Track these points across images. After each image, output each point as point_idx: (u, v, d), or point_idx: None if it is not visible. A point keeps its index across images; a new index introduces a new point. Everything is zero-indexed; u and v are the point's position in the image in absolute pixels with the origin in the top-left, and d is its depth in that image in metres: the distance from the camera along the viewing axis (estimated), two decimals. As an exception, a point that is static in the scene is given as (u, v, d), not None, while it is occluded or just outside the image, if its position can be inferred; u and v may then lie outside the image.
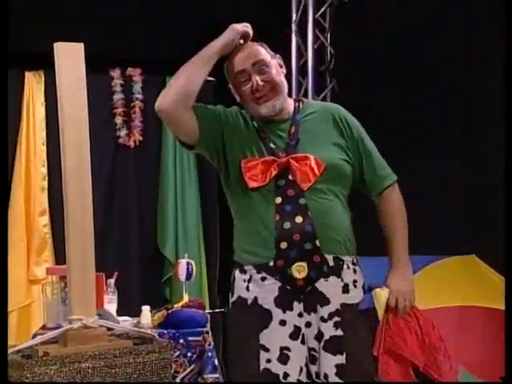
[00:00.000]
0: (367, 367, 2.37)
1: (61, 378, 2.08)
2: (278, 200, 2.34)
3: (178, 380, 3.39)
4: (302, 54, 4.85)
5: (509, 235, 2.43)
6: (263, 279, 2.35)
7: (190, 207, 4.87)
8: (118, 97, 4.80)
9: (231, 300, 2.44)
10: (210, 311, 4.11)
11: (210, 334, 3.56)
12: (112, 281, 3.73)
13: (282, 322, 2.32)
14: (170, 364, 2.26)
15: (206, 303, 4.55)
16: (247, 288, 2.38)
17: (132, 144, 4.82)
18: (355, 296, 2.38)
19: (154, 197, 4.88)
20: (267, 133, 2.42)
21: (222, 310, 4.08)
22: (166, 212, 4.85)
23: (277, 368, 2.31)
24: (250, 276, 2.38)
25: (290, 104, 2.47)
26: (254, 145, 2.40)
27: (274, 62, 2.44)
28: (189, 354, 3.45)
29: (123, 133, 4.80)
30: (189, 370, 3.45)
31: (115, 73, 4.80)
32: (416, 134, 4.30)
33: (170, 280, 4.76)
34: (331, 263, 2.34)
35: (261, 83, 2.37)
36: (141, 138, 4.84)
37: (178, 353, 3.39)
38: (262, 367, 2.32)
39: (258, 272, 2.36)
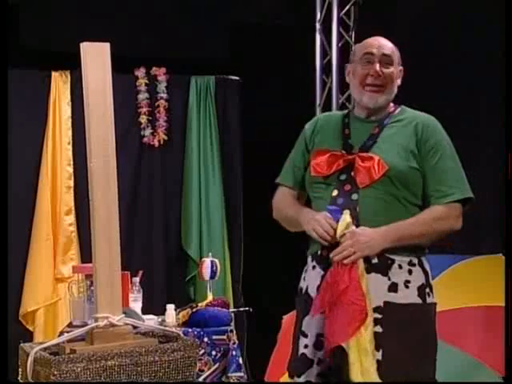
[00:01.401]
0: (403, 368, 2.31)
1: (87, 375, 2.10)
2: (335, 192, 2.42)
3: (201, 379, 3.40)
4: (326, 52, 4.84)
5: (509, 235, 2.42)
6: (313, 268, 2.45)
7: (214, 206, 4.88)
8: (142, 96, 4.82)
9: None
10: (234, 310, 4.12)
11: (235, 332, 3.57)
12: (137, 279, 3.75)
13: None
14: (195, 362, 2.26)
15: (230, 302, 4.55)
16: (304, 278, 2.51)
17: (156, 143, 4.84)
18: (405, 296, 2.36)
19: (178, 196, 4.90)
20: (352, 130, 2.52)
21: (246, 308, 4.08)
22: (191, 211, 4.86)
23: (312, 354, 2.39)
24: (307, 266, 2.50)
25: (389, 108, 2.55)
26: (335, 140, 2.50)
27: (397, 67, 2.55)
28: (213, 353, 3.46)
29: (148, 132, 4.82)
30: (213, 368, 3.46)
31: (140, 72, 4.82)
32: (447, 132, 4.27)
33: (194, 279, 4.77)
34: (374, 260, 2.35)
35: (380, 73, 2.47)
36: (165, 138, 4.86)
37: (202, 351, 3.40)
38: (300, 352, 2.41)
39: (311, 261, 2.47)
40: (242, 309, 4.22)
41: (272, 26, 4.87)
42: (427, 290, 2.43)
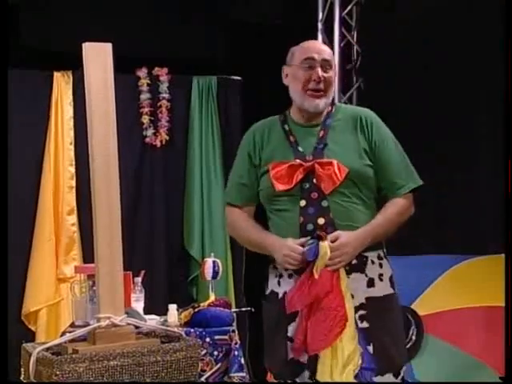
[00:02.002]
0: (395, 356, 2.43)
1: (89, 375, 2.10)
2: (303, 203, 2.46)
3: (203, 379, 3.40)
4: (328, 52, 4.84)
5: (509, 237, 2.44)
6: (290, 276, 2.49)
7: (216, 206, 4.88)
8: (144, 96, 4.82)
9: (266, 292, 2.60)
10: (236, 310, 4.12)
11: (237, 332, 3.57)
12: (139, 279, 3.75)
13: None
14: (197, 363, 2.26)
15: (232, 302, 4.56)
16: (278, 283, 2.53)
17: (158, 143, 4.84)
18: (381, 289, 2.46)
19: (181, 196, 4.90)
20: (297, 136, 2.55)
21: (248, 308, 4.08)
22: (193, 211, 4.86)
23: (303, 358, 2.43)
24: (281, 273, 2.52)
25: (326, 109, 2.57)
26: (283, 149, 2.53)
27: (334, 70, 2.59)
28: (215, 353, 3.46)
29: (150, 132, 4.83)
30: (215, 368, 3.46)
31: (142, 72, 4.82)
32: (443, 133, 4.27)
33: (197, 279, 4.78)
34: (353, 261, 2.45)
35: (322, 77, 2.51)
36: (167, 138, 4.86)
37: (204, 351, 3.40)
38: (289, 357, 2.46)
39: (286, 269, 2.49)
40: (244, 309, 4.21)
41: (274, 26, 4.88)
42: (393, 279, 2.53)
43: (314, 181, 2.45)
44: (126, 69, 4.42)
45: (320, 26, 4.85)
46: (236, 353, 3.48)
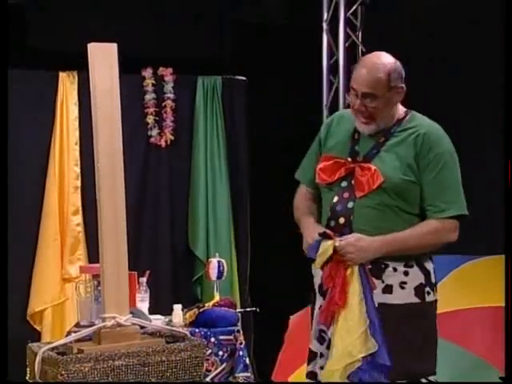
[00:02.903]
0: (405, 365, 2.40)
1: (94, 375, 2.10)
2: (335, 199, 2.52)
3: (208, 379, 3.40)
4: (333, 52, 4.84)
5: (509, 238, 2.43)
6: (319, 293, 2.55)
7: (221, 206, 4.88)
8: (149, 96, 4.82)
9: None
10: (241, 310, 4.12)
11: (241, 332, 3.57)
12: (144, 279, 3.75)
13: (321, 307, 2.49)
14: (202, 362, 2.26)
15: (237, 302, 4.56)
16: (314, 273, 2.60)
17: (163, 143, 4.84)
18: (400, 297, 2.44)
19: (185, 196, 4.90)
20: (362, 136, 2.56)
21: (253, 308, 4.08)
22: (197, 211, 4.87)
23: (315, 347, 2.53)
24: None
25: (396, 115, 2.55)
26: (344, 144, 2.57)
27: (388, 94, 2.49)
28: (220, 353, 3.46)
29: (155, 132, 4.83)
30: (220, 368, 3.46)
31: (147, 72, 4.82)
32: (450, 132, 4.25)
33: (201, 279, 4.78)
34: (369, 266, 2.45)
35: (362, 108, 2.49)
36: (172, 138, 4.86)
37: (209, 351, 3.40)
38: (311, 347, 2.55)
39: None
40: (248, 309, 4.22)
41: (279, 26, 4.87)
42: (427, 288, 2.49)
43: (352, 182, 2.50)
44: (131, 69, 4.42)
45: (325, 26, 4.85)
46: (241, 353, 3.48)
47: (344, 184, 2.51)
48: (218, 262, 3.84)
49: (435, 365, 2.53)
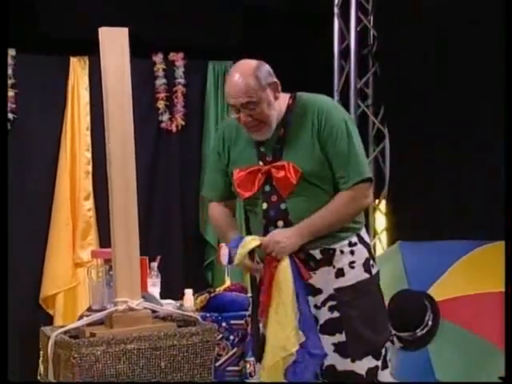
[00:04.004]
0: (372, 338, 2.47)
1: (106, 358, 2.12)
2: (265, 206, 2.50)
3: (219, 363, 3.42)
4: (344, 36, 4.81)
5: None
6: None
7: (231, 191, 4.88)
8: (160, 82, 4.82)
9: None
10: (252, 295, 4.12)
11: (252, 317, 3.58)
12: (155, 264, 3.76)
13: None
14: (214, 347, 2.28)
15: (248, 287, 4.56)
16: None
17: (174, 128, 4.84)
18: (352, 277, 2.49)
19: (196, 181, 4.90)
20: None
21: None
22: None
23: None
24: None
25: (284, 104, 2.52)
26: (248, 151, 2.53)
27: (265, 94, 2.46)
28: (231, 338, 3.47)
29: (165, 117, 4.83)
30: (231, 353, 3.48)
31: (158, 58, 4.82)
32: (458, 119, 4.24)
33: (212, 264, 4.79)
34: (318, 256, 2.48)
35: (248, 119, 2.46)
36: (183, 123, 4.86)
37: (220, 336, 3.41)
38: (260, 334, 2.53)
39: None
40: (259, 294, 4.22)
41: (290, 11, 4.85)
42: (371, 261, 2.54)
43: (274, 183, 2.48)
44: (142, 54, 4.42)
45: (336, 10, 4.82)
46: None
47: (267, 189, 2.49)
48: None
49: (390, 332, 2.64)
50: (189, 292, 3.68)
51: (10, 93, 4.45)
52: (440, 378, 3.35)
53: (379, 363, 2.49)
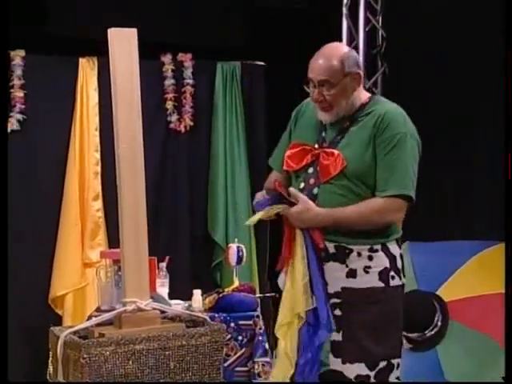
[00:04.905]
0: (370, 348, 2.45)
1: (115, 358, 2.12)
2: (302, 185, 2.58)
3: (228, 363, 3.42)
4: (353, 37, 4.80)
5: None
6: None
7: (240, 192, 4.88)
8: (168, 82, 4.82)
9: None
10: (261, 295, 4.13)
11: (261, 318, 3.58)
12: (164, 265, 3.77)
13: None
14: (222, 347, 2.28)
15: (256, 287, 4.57)
16: None
17: (183, 129, 4.85)
18: (364, 281, 2.48)
19: (205, 181, 4.91)
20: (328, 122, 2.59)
21: (273, 294, 4.08)
22: (217, 197, 4.87)
23: None
24: None
25: (359, 101, 2.57)
26: (312, 130, 2.62)
27: (344, 80, 2.53)
28: (239, 338, 3.48)
29: (174, 118, 4.83)
30: (239, 353, 3.48)
31: (166, 58, 4.82)
32: (468, 118, 4.23)
33: (221, 264, 4.79)
34: (332, 250, 2.51)
35: (320, 98, 2.54)
36: (191, 123, 4.86)
37: (228, 336, 3.41)
38: None
39: None
40: (268, 294, 4.22)
41: (298, 11, 4.84)
42: (391, 273, 2.51)
43: (318, 168, 2.54)
44: (151, 54, 4.42)
45: (345, 10, 4.80)
46: (260, 338, 3.49)
47: (310, 170, 2.57)
48: (238, 247, 3.84)
49: (399, 348, 2.56)
50: (197, 292, 3.68)
51: (20, 93, 4.47)
52: (449, 378, 3.35)
53: (372, 374, 2.46)
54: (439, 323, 3.46)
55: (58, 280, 4.51)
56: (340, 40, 4.82)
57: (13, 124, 4.46)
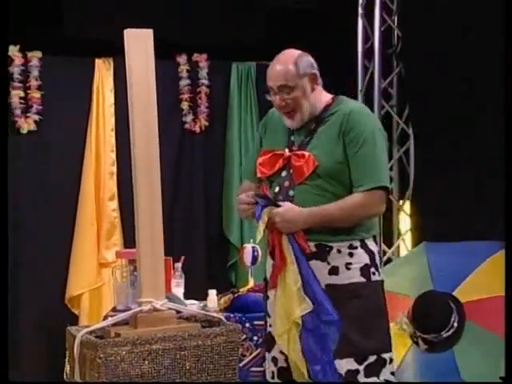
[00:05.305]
0: (358, 342, 2.48)
1: (131, 358, 2.13)
2: (277, 189, 2.62)
3: (243, 364, 3.42)
4: (368, 37, 4.79)
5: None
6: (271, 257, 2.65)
7: (255, 192, 4.88)
8: (184, 82, 4.83)
9: None
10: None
11: (276, 318, 3.57)
12: (179, 265, 3.77)
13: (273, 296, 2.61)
14: (238, 347, 2.28)
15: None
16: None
17: (198, 129, 4.86)
18: (346, 277, 2.52)
19: (220, 182, 4.91)
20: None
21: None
22: (232, 197, 4.87)
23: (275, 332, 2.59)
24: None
25: (323, 101, 2.64)
26: (280, 137, 2.68)
27: (301, 82, 2.59)
28: (255, 338, 3.47)
29: (189, 118, 4.84)
30: (255, 353, 3.48)
31: (181, 58, 4.83)
32: (482, 118, 4.20)
33: (236, 265, 4.79)
34: (313, 249, 2.54)
35: (282, 103, 2.59)
36: (206, 124, 4.87)
37: (244, 337, 3.41)
38: (267, 330, 2.66)
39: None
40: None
41: (313, 11, 4.84)
42: (372, 269, 2.56)
43: (291, 171, 2.59)
44: (166, 55, 4.43)
45: (360, 10, 4.80)
46: (275, 338, 3.48)
47: (284, 174, 2.61)
48: (253, 247, 3.84)
49: (388, 342, 2.58)
50: (212, 292, 3.68)
51: (37, 94, 4.50)
52: (465, 378, 3.33)
53: (361, 368, 2.48)
54: (455, 324, 3.44)
55: (74, 280, 4.54)
56: (355, 40, 4.82)
57: (30, 124, 4.49)
